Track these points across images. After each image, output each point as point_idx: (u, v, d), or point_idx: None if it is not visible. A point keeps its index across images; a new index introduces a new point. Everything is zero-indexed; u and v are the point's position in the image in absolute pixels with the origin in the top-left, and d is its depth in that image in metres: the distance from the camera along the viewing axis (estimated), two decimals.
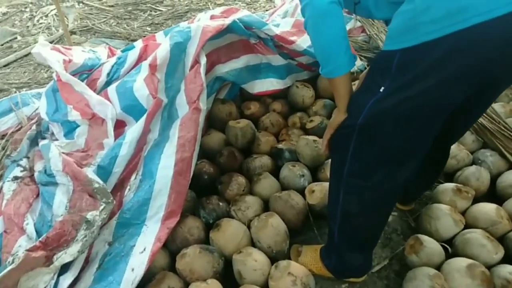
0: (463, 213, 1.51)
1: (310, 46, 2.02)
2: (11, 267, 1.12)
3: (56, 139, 1.67)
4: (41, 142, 1.63)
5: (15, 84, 2.89)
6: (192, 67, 1.69)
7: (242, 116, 2.07)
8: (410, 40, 0.87)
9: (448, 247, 1.39)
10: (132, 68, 1.86)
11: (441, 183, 1.68)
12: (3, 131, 2.06)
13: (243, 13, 1.97)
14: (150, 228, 1.38)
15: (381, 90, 0.95)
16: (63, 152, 1.46)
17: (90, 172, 1.38)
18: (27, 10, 4.25)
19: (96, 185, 1.32)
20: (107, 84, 1.85)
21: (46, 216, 1.36)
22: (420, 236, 1.41)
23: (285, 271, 1.32)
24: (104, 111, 1.65)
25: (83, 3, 4.27)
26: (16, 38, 3.69)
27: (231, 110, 2.00)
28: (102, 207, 1.28)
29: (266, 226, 1.46)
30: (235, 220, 1.54)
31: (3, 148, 1.91)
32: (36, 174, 1.52)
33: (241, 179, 1.72)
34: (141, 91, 1.63)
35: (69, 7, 4.17)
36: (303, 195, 1.64)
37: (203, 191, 1.71)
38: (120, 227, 1.37)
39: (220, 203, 1.63)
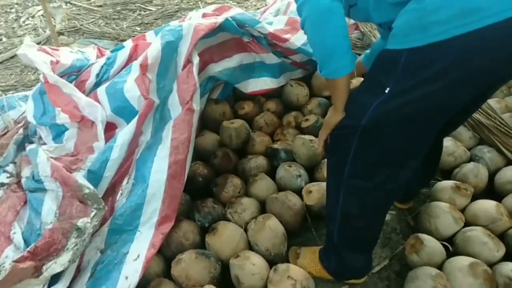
0: (462, 210, 1.49)
1: (304, 44, 1.99)
2: None
3: (44, 143, 1.61)
4: (28, 147, 1.58)
5: (1, 87, 2.82)
6: (184, 66, 1.64)
7: (236, 116, 2.03)
8: (419, 40, 0.83)
9: (448, 245, 1.37)
10: (122, 68, 1.81)
11: (438, 180, 1.67)
12: None
13: (236, 11, 1.93)
14: (143, 234, 1.34)
15: (386, 91, 0.92)
16: (52, 157, 1.41)
17: (80, 177, 1.33)
18: (13, 11, 4.15)
19: (87, 190, 1.27)
20: (97, 85, 1.80)
21: (34, 224, 1.31)
22: (420, 235, 1.38)
23: (284, 274, 1.28)
24: (94, 113, 1.60)
25: (70, 3, 4.18)
26: (1, 39, 3.60)
27: (225, 110, 1.96)
28: (93, 214, 1.24)
29: (264, 228, 1.43)
30: (231, 223, 1.50)
31: None
32: (23, 180, 1.46)
33: (236, 181, 1.68)
34: (132, 92, 1.58)
35: (56, 7, 4.08)
36: (300, 195, 1.61)
37: (197, 194, 1.67)
38: (113, 233, 1.33)
39: (216, 206, 1.59)
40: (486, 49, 0.79)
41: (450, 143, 1.71)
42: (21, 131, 1.72)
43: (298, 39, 1.99)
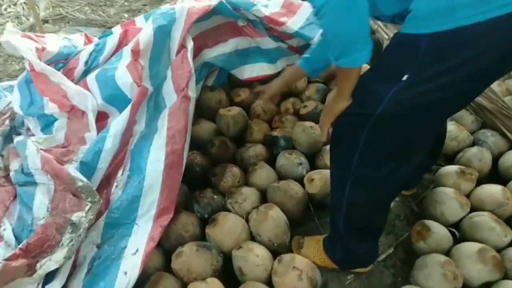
0: (467, 195, 1.47)
1: (301, 27, 1.91)
2: None
3: (32, 135, 1.53)
4: (16, 139, 1.49)
5: None
6: (178, 52, 1.57)
7: (232, 104, 1.96)
8: (444, 24, 0.77)
9: (455, 231, 1.35)
10: (112, 55, 1.72)
11: (442, 165, 1.64)
12: None
13: None
14: (141, 227, 1.28)
15: (403, 79, 0.85)
16: (41, 149, 1.33)
17: (72, 169, 1.26)
18: None
19: (80, 183, 1.21)
20: (86, 73, 1.71)
21: (25, 219, 1.24)
22: (426, 221, 1.35)
23: (289, 265, 1.25)
24: (84, 103, 1.52)
25: None
26: None
27: (221, 98, 1.90)
28: (88, 207, 1.17)
29: (266, 218, 1.38)
30: (232, 214, 1.45)
31: None
32: (12, 174, 1.39)
33: (235, 170, 1.63)
34: (124, 79, 1.50)
35: None
36: (302, 184, 1.56)
37: (195, 184, 1.61)
38: (109, 227, 1.26)
39: (215, 196, 1.54)
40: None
41: (453, 127, 1.67)
42: (7, 122, 1.63)
43: (295, 23, 1.91)
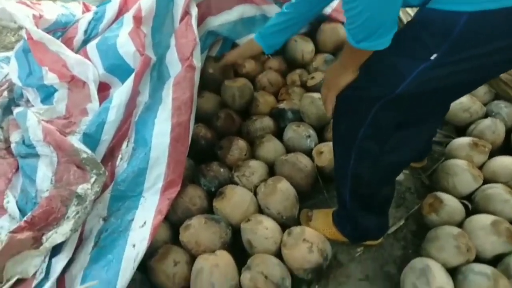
0: (480, 168, 1.43)
1: None
2: None
3: (32, 106, 1.48)
4: (15, 110, 1.44)
5: None
6: (182, 19, 1.50)
7: (237, 76, 1.90)
8: (488, 2, 0.70)
9: (468, 204, 1.32)
10: (112, 23, 1.64)
11: (453, 138, 1.60)
12: None
13: None
14: (148, 200, 1.25)
15: (432, 58, 0.79)
16: (43, 120, 1.28)
17: (75, 141, 1.22)
18: None
19: (84, 155, 1.17)
20: (85, 42, 1.64)
21: (29, 192, 1.20)
22: (439, 194, 1.33)
23: (299, 238, 1.22)
24: (85, 73, 1.46)
25: None
26: None
27: (226, 69, 1.83)
28: (93, 180, 1.14)
29: (275, 191, 1.35)
30: (239, 187, 1.42)
31: None
32: (13, 146, 1.34)
33: (242, 143, 1.59)
34: (126, 47, 1.44)
35: None
36: (310, 157, 1.53)
37: (200, 158, 1.57)
38: (115, 200, 1.23)
39: (222, 170, 1.51)
40: None
41: (465, 99, 1.62)
42: (5, 94, 1.58)
43: None
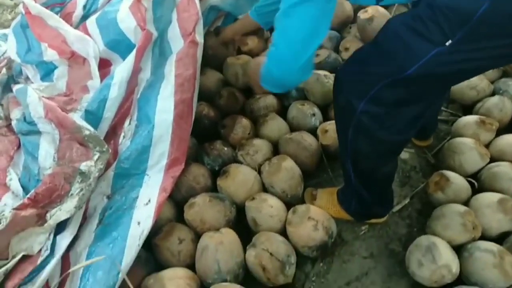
0: (486, 146, 1.42)
1: None
2: None
3: (32, 84, 1.44)
4: (15, 87, 1.41)
5: None
6: None
7: (239, 53, 1.86)
8: None
9: (474, 182, 1.31)
10: None
11: (459, 116, 1.58)
12: None
13: None
14: (152, 178, 1.24)
15: (447, 44, 0.76)
16: (43, 96, 1.26)
17: (77, 118, 1.20)
18: None
19: (87, 132, 1.15)
20: (84, 18, 1.59)
21: (31, 169, 1.19)
22: (445, 172, 1.32)
23: (304, 216, 1.22)
24: (85, 49, 1.42)
25: None
26: None
27: (228, 45, 1.79)
28: (96, 157, 1.12)
29: (279, 170, 1.34)
30: (243, 166, 1.41)
31: None
32: (14, 123, 1.32)
33: (245, 122, 1.57)
34: (126, 22, 1.40)
35: None
36: (314, 135, 1.51)
37: (203, 137, 1.56)
38: (119, 178, 1.22)
39: (225, 148, 1.49)
40: None
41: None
42: (4, 71, 1.54)
43: None
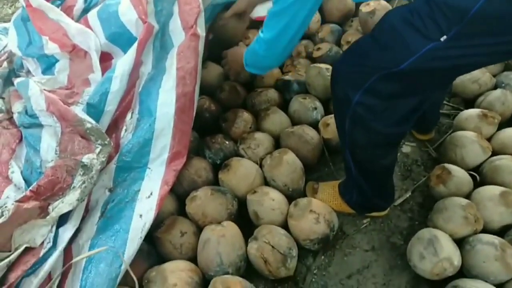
0: (488, 139, 1.42)
1: None
2: (0, 221, 0.97)
3: (33, 77, 1.44)
4: (16, 80, 1.41)
5: None
6: None
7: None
8: None
9: (476, 175, 1.31)
10: None
11: (461, 110, 1.58)
12: None
13: None
14: (154, 171, 1.24)
15: (441, 39, 0.76)
16: (45, 89, 1.26)
17: (79, 111, 1.20)
18: None
19: (89, 125, 1.15)
20: (85, 11, 1.59)
21: (34, 162, 1.19)
22: (447, 165, 1.31)
23: (306, 208, 1.22)
24: (86, 42, 1.42)
25: None
26: None
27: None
28: (98, 150, 1.12)
29: (281, 163, 1.34)
30: (245, 159, 1.41)
31: None
32: (15, 116, 1.32)
33: (247, 115, 1.57)
34: (128, 15, 1.39)
35: None
36: (316, 129, 1.51)
37: (205, 130, 1.56)
38: (121, 171, 1.22)
39: (227, 142, 1.49)
40: None
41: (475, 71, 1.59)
42: (5, 64, 1.54)
43: None
